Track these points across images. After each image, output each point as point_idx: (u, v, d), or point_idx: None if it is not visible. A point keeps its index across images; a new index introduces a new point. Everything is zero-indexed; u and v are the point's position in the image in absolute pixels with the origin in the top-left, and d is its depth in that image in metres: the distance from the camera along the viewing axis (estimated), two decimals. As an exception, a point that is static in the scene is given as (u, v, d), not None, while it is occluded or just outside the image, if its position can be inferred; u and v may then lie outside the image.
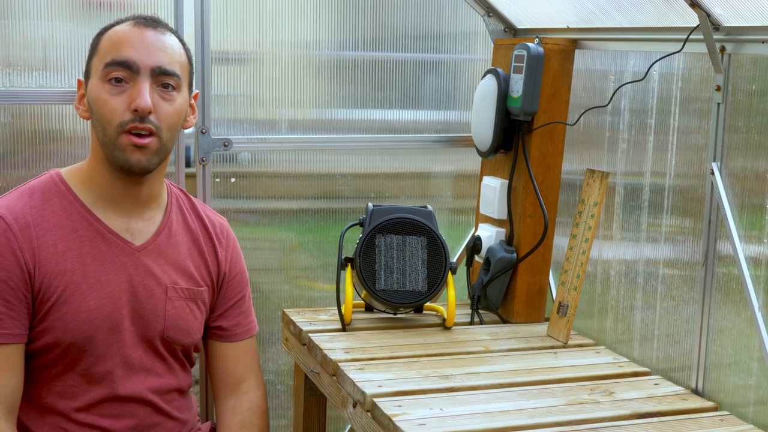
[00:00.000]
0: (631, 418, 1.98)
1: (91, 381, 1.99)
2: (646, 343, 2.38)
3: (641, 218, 2.41)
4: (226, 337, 2.20)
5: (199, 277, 2.12)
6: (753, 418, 2.01)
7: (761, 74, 2.01)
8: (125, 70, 1.93)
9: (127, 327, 2.01)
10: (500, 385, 2.13)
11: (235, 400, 2.19)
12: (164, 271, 2.06)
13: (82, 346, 1.97)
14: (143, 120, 1.92)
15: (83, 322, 1.96)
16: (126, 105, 1.92)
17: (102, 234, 2.00)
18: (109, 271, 1.99)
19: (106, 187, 2.01)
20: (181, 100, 2.00)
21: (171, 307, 2.06)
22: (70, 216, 1.98)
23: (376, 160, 2.93)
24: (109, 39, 1.98)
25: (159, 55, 1.96)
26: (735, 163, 2.08)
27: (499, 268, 2.61)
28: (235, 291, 2.20)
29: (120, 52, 1.94)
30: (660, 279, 2.34)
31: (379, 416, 1.95)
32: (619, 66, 2.49)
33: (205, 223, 2.17)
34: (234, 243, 2.22)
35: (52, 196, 1.99)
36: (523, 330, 2.56)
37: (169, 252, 2.07)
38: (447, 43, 2.95)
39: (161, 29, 2.01)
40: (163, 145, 1.97)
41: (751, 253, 2.03)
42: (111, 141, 1.94)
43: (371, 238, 2.45)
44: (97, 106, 1.95)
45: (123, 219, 2.03)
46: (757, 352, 2.00)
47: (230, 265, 2.19)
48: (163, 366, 2.08)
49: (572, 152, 2.64)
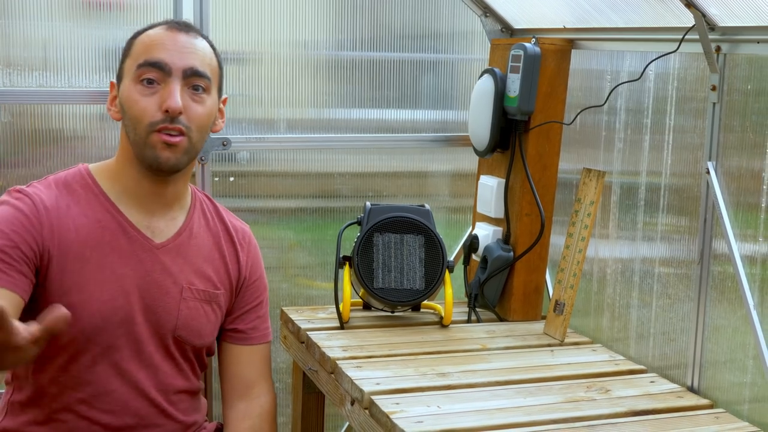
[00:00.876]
0: (627, 415, 1.98)
1: (95, 373, 1.99)
2: (642, 341, 2.37)
3: (637, 217, 2.40)
4: (241, 340, 2.19)
5: (217, 280, 2.12)
6: (748, 416, 2.01)
7: (756, 74, 2.01)
8: (157, 71, 1.95)
9: (140, 322, 2.01)
10: (497, 382, 2.13)
11: (246, 404, 2.18)
12: (182, 271, 2.06)
13: (90, 335, 1.97)
14: (173, 120, 1.94)
15: (93, 312, 1.96)
16: (157, 105, 1.94)
17: (123, 227, 2.01)
18: (125, 265, 2.00)
19: (132, 184, 2.02)
20: (210, 103, 2.02)
21: (185, 306, 2.06)
22: (94, 207, 2.00)
23: (373, 159, 2.93)
24: (143, 42, 2.00)
25: (190, 58, 1.98)
26: (730, 162, 2.08)
27: (496, 267, 2.60)
28: (254, 296, 2.21)
29: (152, 53, 1.96)
30: (656, 277, 2.34)
31: (377, 414, 1.95)
32: (615, 66, 2.48)
33: (228, 227, 2.17)
34: (255, 249, 2.23)
35: (77, 187, 2.02)
36: (519, 328, 2.55)
37: (188, 253, 2.08)
38: (444, 43, 2.95)
39: (193, 33, 2.04)
40: (193, 146, 1.99)
41: (746, 252, 2.03)
42: (142, 140, 1.96)
43: (369, 237, 2.45)
44: (129, 106, 1.97)
45: (146, 216, 2.04)
46: (752, 350, 2.00)
47: (251, 270, 2.19)
48: (172, 366, 2.08)
49: (569, 151, 2.64)
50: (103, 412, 2.01)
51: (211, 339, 2.14)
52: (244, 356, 2.20)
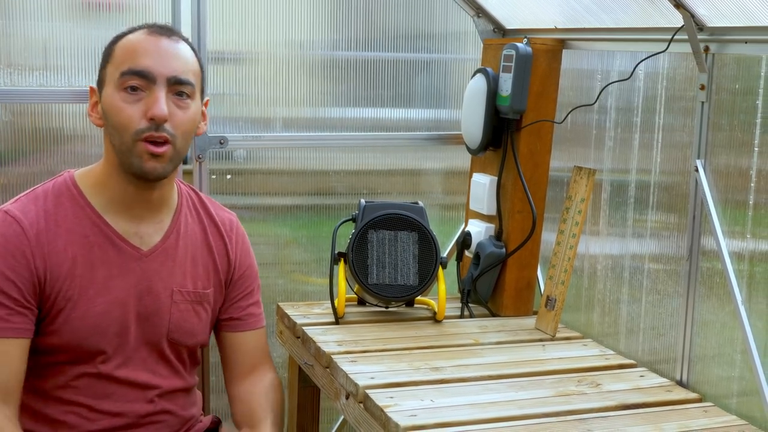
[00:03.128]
0: (618, 409, 1.97)
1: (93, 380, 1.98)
2: (632, 336, 2.37)
3: (627, 214, 2.40)
4: (237, 327, 2.17)
5: (206, 279, 2.10)
6: (736, 409, 2.01)
7: (744, 73, 2.01)
8: (142, 79, 1.90)
9: (134, 329, 2.00)
10: (489, 376, 2.12)
11: (251, 381, 2.15)
12: (171, 275, 2.04)
13: (89, 349, 1.96)
14: (158, 128, 1.89)
15: (90, 326, 1.94)
16: (142, 113, 1.89)
17: (111, 239, 1.98)
18: (116, 277, 1.98)
19: (118, 192, 1.98)
20: (194, 108, 1.98)
21: (176, 310, 2.04)
22: (81, 221, 1.97)
23: (368, 157, 2.92)
24: (124, 48, 1.94)
25: (174, 64, 1.93)
26: (719, 160, 2.08)
27: (489, 263, 2.60)
28: (245, 285, 2.18)
29: (136, 61, 1.91)
30: (645, 273, 2.33)
31: (372, 407, 1.95)
32: (606, 65, 2.48)
33: (215, 221, 2.14)
34: (243, 238, 2.20)
35: (64, 200, 1.97)
36: (511, 323, 2.55)
37: (177, 255, 2.05)
38: (438, 43, 2.94)
39: (175, 38, 1.98)
40: (177, 153, 1.95)
41: (734, 248, 2.03)
42: (127, 148, 1.91)
43: (364, 234, 2.45)
44: (113, 114, 1.92)
45: (133, 224, 2.01)
46: (740, 345, 2.00)
47: (240, 261, 2.17)
48: (168, 369, 2.07)
49: (560, 149, 2.63)
50: (103, 414, 2.00)
51: (203, 337, 2.13)
52: (244, 342, 2.18)
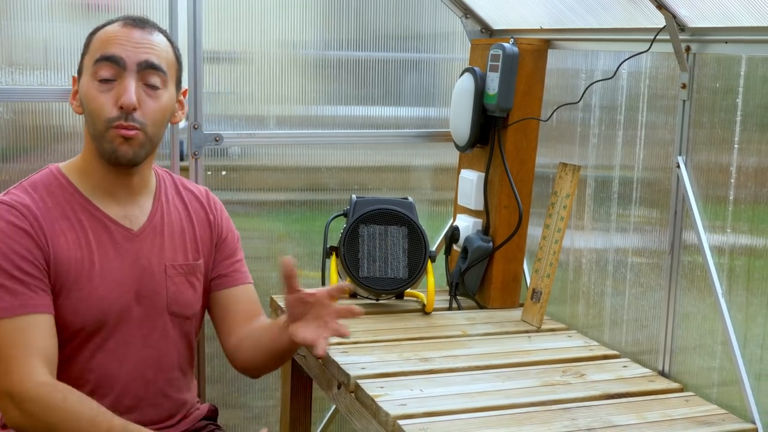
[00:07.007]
0: (601, 398, 1.97)
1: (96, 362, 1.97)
2: (616, 328, 2.36)
3: (611, 209, 2.39)
4: (226, 283, 2.14)
5: (194, 250, 2.09)
6: (717, 399, 2.00)
7: (724, 73, 2.00)
8: (112, 66, 1.90)
9: (135, 308, 2.00)
10: (477, 367, 2.12)
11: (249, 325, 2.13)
12: (162, 250, 2.04)
13: (92, 330, 1.95)
14: (128, 118, 1.89)
15: (93, 308, 1.94)
16: (113, 101, 1.90)
17: (103, 223, 1.98)
18: (113, 258, 1.97)
19: (101, 177, 1.98)
20: (167, 97, 1.97)
21: (171, 284, 2.04)
22: (73, 207, 1.96)
23: (359, 154, 2.91)
24: (99, 38, 1.95)
25: (145, 52, 1.93)
26: (699, 157, 2.07)
27: (476, 257, 2.59)
28: (229, 247, 2.17)
29: (107, 49, 1.92)
30: (629, 267, 2.32)
31: (363, 397, 1.94)
32: (590, 65, 2.47)
33: (194, 193, 2.15)
34: (221, 207, 2.20)
35: (54, 189, 1.97)
36: (498, 315, 2.54)
37: (164, 231, 2.05)
38: (426, 44, 2.93)
39: (149, 29, 1.98)
40: (149, 139, 1.94)
41: (714, 243, 2.02)
42: (100, 134, 1.92)
43: (355, 228, 2.44)
44: (87, 101, 1.93)
45: (120, 207, 2.01)
46: (721, 336, 1.99)
47: (222, 228, 2.16)
48: (167, 342, 2.05)
49: (545, 147, 2.62)
50: (105, 398, 1.98)
51: (199, 306, 2.11)
52: (235, 296, 2.15)
